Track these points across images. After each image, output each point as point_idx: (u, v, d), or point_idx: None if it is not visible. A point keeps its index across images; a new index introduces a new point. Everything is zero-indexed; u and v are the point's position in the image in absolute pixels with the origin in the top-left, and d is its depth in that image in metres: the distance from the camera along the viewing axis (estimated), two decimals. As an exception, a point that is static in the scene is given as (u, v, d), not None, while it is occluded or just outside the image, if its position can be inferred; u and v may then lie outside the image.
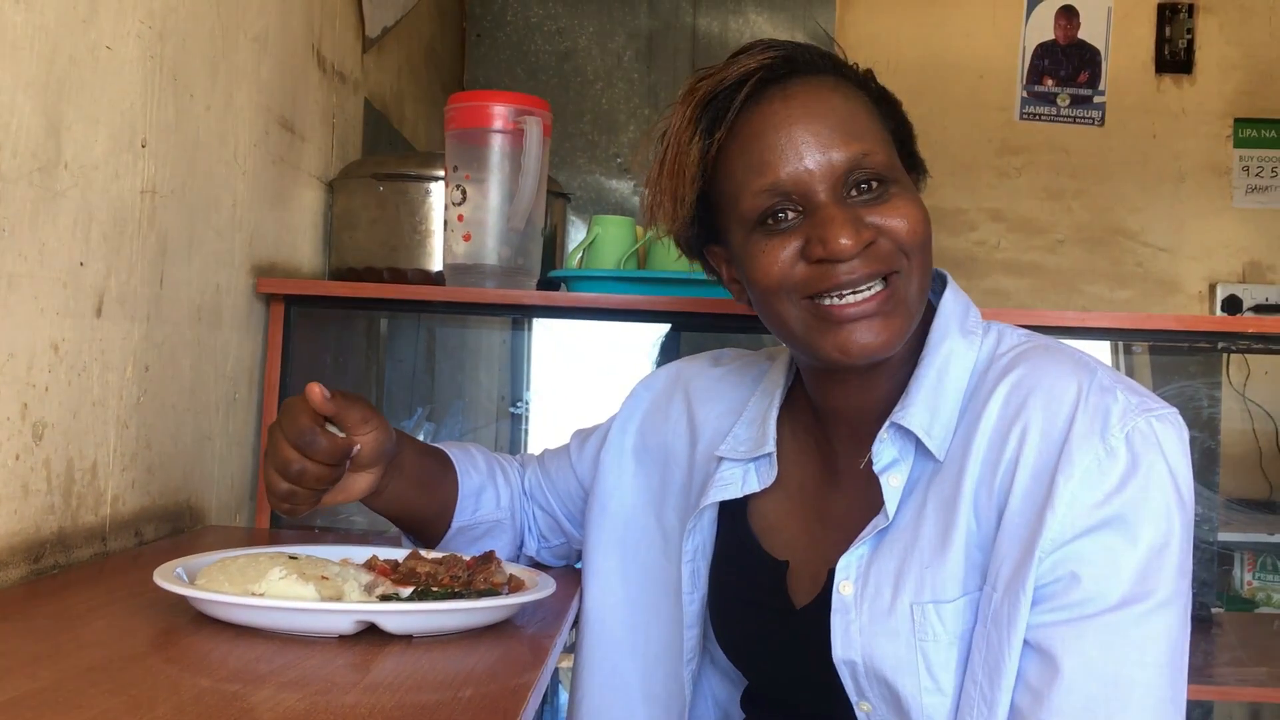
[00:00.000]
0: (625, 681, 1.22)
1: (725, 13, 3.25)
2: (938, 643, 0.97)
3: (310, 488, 1.07)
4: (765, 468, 1.13)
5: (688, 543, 1.16)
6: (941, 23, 3.76)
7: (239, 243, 1.61)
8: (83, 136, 1.16)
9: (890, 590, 0.99)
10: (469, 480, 1.27)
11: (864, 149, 1.01)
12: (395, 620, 0.93)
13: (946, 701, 0.97)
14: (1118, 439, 0.94)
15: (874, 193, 1.02)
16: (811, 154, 1.00)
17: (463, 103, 1.70)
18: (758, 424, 1.15)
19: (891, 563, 1.00)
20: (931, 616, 0.97)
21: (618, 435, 1.28)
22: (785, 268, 1.02)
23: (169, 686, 0.79)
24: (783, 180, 1.00)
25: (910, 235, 1.01)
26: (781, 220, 1.02)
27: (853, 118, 1.03)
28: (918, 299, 1.04)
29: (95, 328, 1.21)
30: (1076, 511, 0.93)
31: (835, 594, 1.02)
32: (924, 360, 1.05)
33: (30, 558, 1.12)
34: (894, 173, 1.03)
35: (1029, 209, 3.80)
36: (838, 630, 1.01)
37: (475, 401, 2.68)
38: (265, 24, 1.65)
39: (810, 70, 1.05)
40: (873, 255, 1.01)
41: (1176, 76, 3.76)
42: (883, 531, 1.02)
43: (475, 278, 1.68)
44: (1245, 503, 3.22)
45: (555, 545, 1.35)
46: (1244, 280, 3.72)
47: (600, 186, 3.20)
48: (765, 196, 1.01)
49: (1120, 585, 0.92)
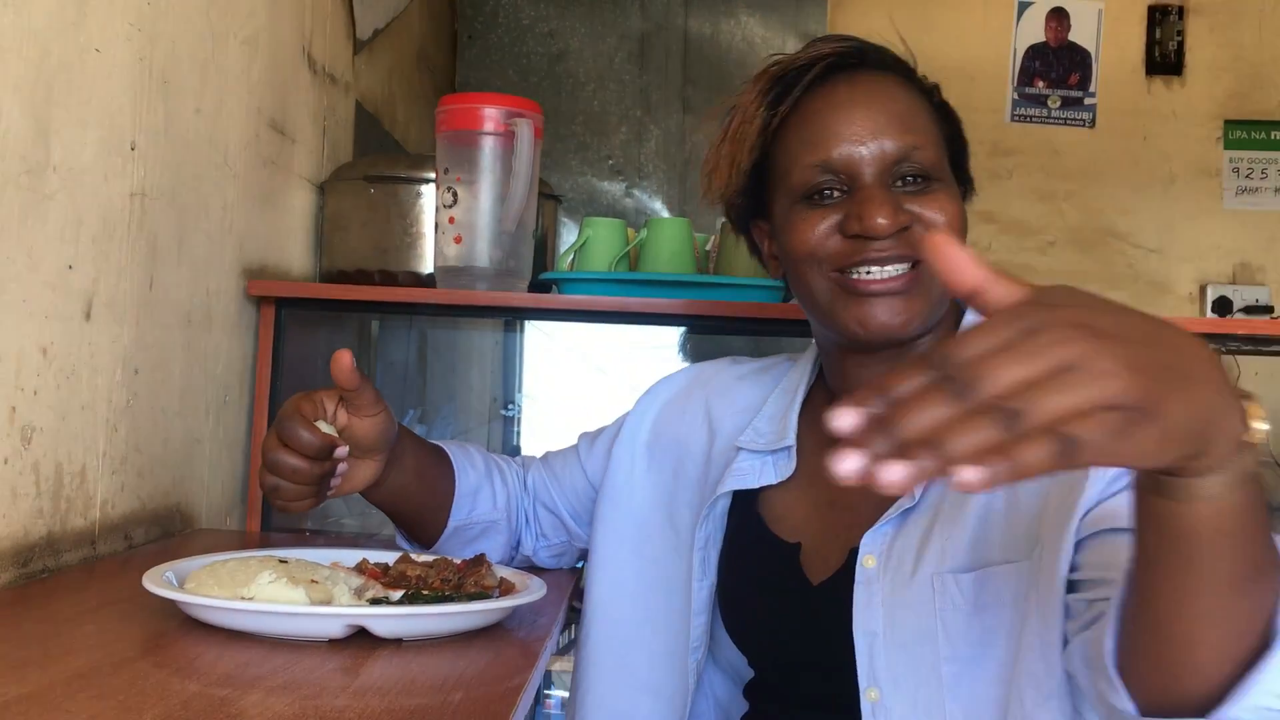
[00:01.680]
0: (630, 673, 1.23)
1: (717, 15, 3.26)
2: (957, 611, 0.99)
3: (288, 479, 1.07)
4: (784, 460, 1.16)
5: (700, 530, 1.18)
6: (932, 25, 3.77)
7: (229, 245, 1.61)
8: (72, 139, 1.16)
9: (912, 561, 1.02)
10: (466, 479, 1.27)
11: (916, 142, 1.06)
12: (385, 624, 0.93)
13: (963, 671, 0.98)
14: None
15: (918, 185, 1.07)
16: (865, 138, 1.05)
17: (454, 105, 1.69)
18: (779, 419, 1.18)
19: (914, 539, 1.03)
20: (951, 585, 0.99)
21: (631, 430, 1.30)
22: (821, 239, 1.06)
23: (158, 691, 0.78)
24: (834, 159, 1.05)
25: (946, 229, 1.05)
26: (827, 196, 1.07)
27: (911, 113, 1.08)
28: (942, 290, 1.06)
29: (84, 331, 1.21)
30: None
31: (859, 568, 1.04)
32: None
33: (19, 562, 1.11)
34: (940, 172, 1.08)
35: (1020, 211, 3.80)
36: (860, 601, 1.03)
37: (467, 404, 2.68)
38: (255, 26, 1.65)
39: (879, 66, 1.11)
40: (905, 240, 1.05)
41: (1167, 78, 3.78)
42: (907, 511, 1.04)
43: (466, 280, 1.68)
44: (1236, 503, 3.22)
45: (556, 544, 1.35)
46: (1234, 282, 3.73)
47: (592, 188, 3.20)
48: (815, 171, 1.06)
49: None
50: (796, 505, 1.15)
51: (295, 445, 1.06)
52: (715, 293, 1.72)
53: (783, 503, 1.16)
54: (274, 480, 1.08)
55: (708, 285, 1.74)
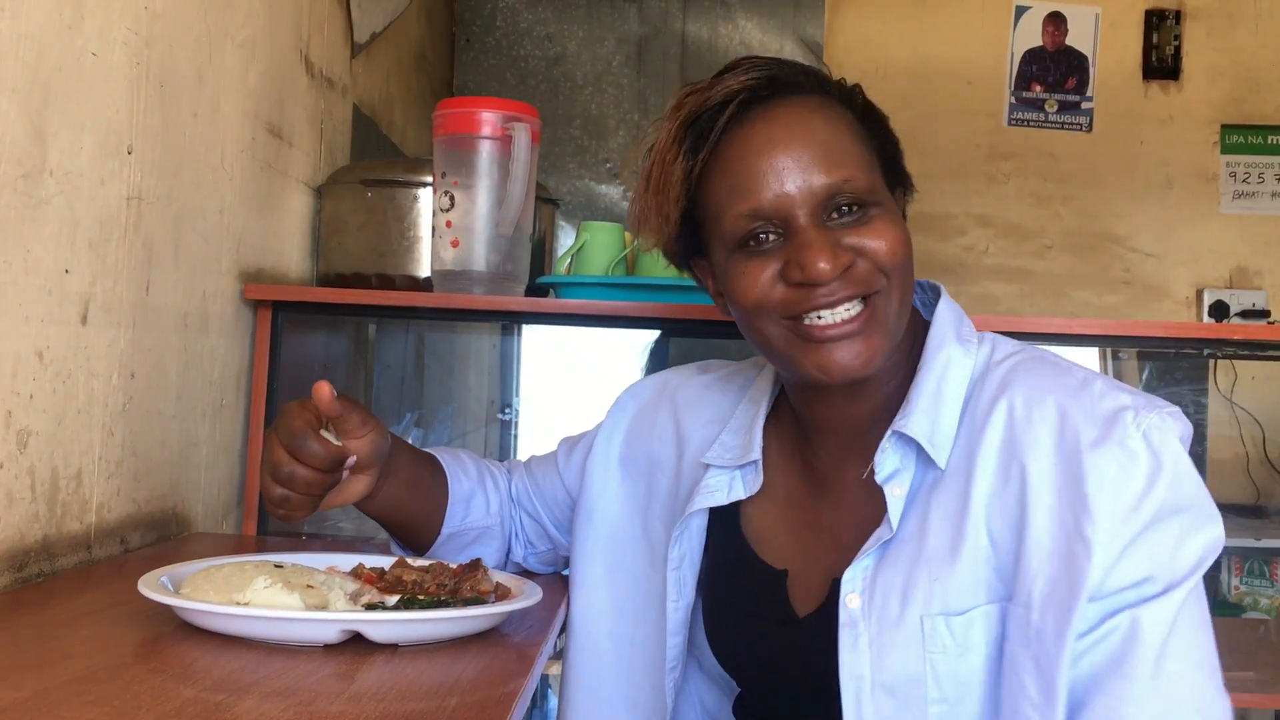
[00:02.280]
0: (610, 689, 1.22)
1: (715, 18, 3.26)
2: (946, 654, 0.98)
3: (302, 493, 1.07)
4: (751, 475, 1.14)
5: (673, 550, 1.17)
6: (930, 29, 3.77)
7: (226, 249, 1.61)
8: (68, 143, 1.16)
9: (898, 602, 0.99)
10: (459, 486, 1.27)
11: (845, 175, 1.02)
12: (381, 629, 0.93)
13: (950, 710, 0.98)
14: (1136, 440, 0.95)
15: (854, 215, 1.03)
16: (792, 179, 1.01)
17: (451, 109, 1.69)
18: (744, 431, 1.16)
19: (898, 575, 1.00)
20: (941, 629, 0.98)
21: (603, 444, 1.29)
22: (765, 289, 1.03)
23: (153, 696, 0.78)
24: (764, 206, 1.02)
25: (889, 256, 1.03)
26: (763, 242, 1.04)
27: (835, 141, 1.03)
28: (897, 317, 1.05)
29: (81, 335, 1.21)
30: (1118, 520, 0.93)
31: (842, 607, 1.01)
32: (923, 369, 1.06)
33: (14, 566, 1.11)
34: (875, 195, 1.04)
35: (1017, 214, 3.80)
36: (846, 644, 1.01)
37: (464, 407, 2.68)
38: (253, 30, 1.65)
39: (793, 91, 1.05)
40: (851, 278, 1.02)
41: (1164, 83, 3.78)
42: (887, 543, 1.02)
43: (463, 284, 1.68)
44: (1232, 508, 3.23)
45: (542, 552, 1.34)
46: (1231, 286, 3.74)
47: (589, 192, 3.20)
48: (746, 220, 1.03)
49: (1179, 564, 0.94)
50: (779, 527, 1.14)
51: (307, 459, 1.05)
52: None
53: (764, 521, 1.14)
54: (283, 492, 1.06)
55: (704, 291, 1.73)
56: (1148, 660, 0.92)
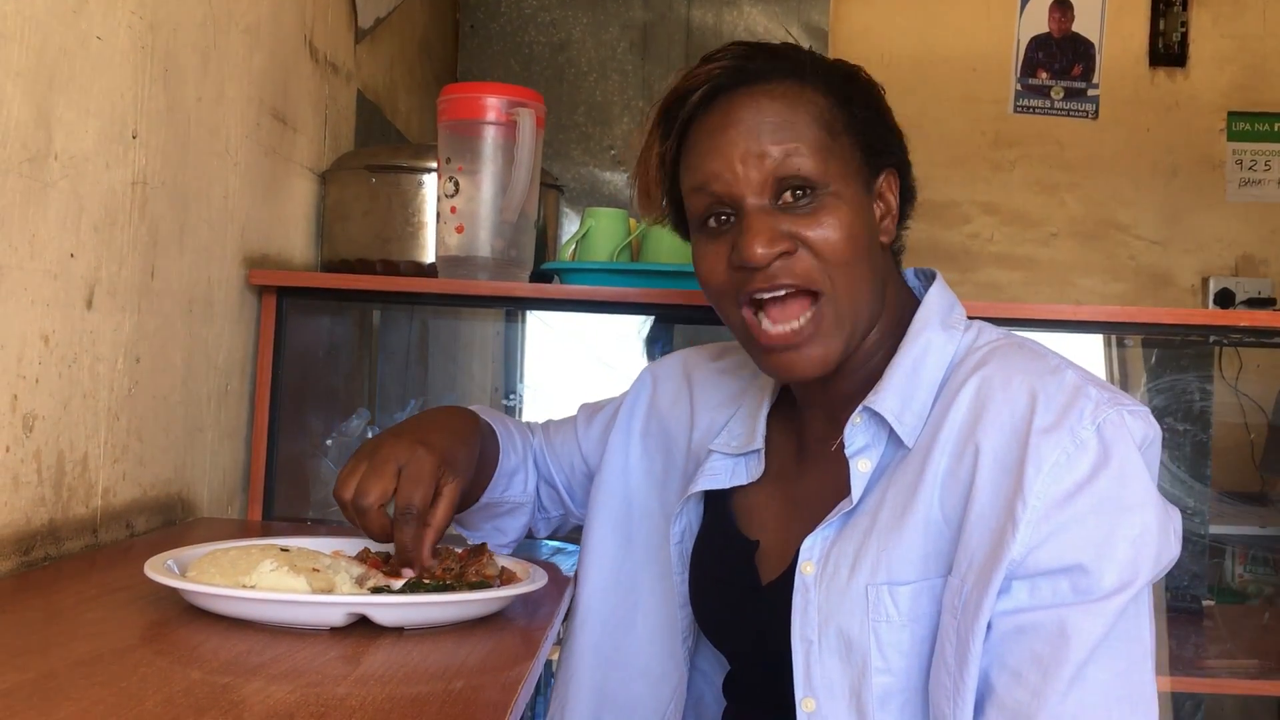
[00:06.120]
0: (623, 657, 1.24)
1: (719, 4, 3.25)
2: (890, 624, 0.99)
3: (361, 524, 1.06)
4: (753, 462, 1.17)
5: (675, 525, 1.20)
6: (935, 15, 3.76)
7: (231, 234, 1.60)
8: (73, 127, 1.15)
9: (848, 570, 1.01)
10: (507, 461, 1.29)
11: (789, 150, 1.02)
12: (387, 613, 0.93)
13: (896, 682, 0.99)
14: (1088, 431, 0.95)
15: (806, 199, 1.04)
16: (741, 161, 1.03)
17: (455, 94, 1.69)
18: (750, 420, 1.19)
19: (851, 544, 1.02)
20: (886, 598, 0.99)
21: (625, 417, 1.31)
22: (718, 271, 1.07)
23: (159, 678, 0.79)
24: (713, 185, 1.05)
25: (831, 250, 1.03)
26: (723, 222, 1.07)
27: (790, 125, 1.04)
28: (851, 314, 1.05)
29: (86, 319, 1.21)
30: (1051, 504, 0.93)
31: (798, 574, 1.04)
32: (902, 349, 1.07)
33: (20, 550, 1.11)
34: (828, 176, 1.04)
35: (1022, 202, 3.80)
36: (797, 609, 1.03)
37: (468, 394, 2.68)
38: (257, 15, 1.64)
39: (762, 78, 1.06)
40: (789, 268, 1.03)
41: (1170, 69, 3.76)
42: (848, 514, 1.04)
43: (468, 270, 1.68)
44: (1237, 495, 3.22)
45: (554, 517, 1.38)
46: (1236, 274, 3.73)
47: (594, 179, 3.19)
48: (702, 198, 1.07)
49: (1108, 573, 0.92)
50: (766, 501, 1.16)
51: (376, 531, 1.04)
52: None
53: (752, 495, 1.17)
54: (351, 510, 1.05)
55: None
56: (1069, 664, 0.90)
